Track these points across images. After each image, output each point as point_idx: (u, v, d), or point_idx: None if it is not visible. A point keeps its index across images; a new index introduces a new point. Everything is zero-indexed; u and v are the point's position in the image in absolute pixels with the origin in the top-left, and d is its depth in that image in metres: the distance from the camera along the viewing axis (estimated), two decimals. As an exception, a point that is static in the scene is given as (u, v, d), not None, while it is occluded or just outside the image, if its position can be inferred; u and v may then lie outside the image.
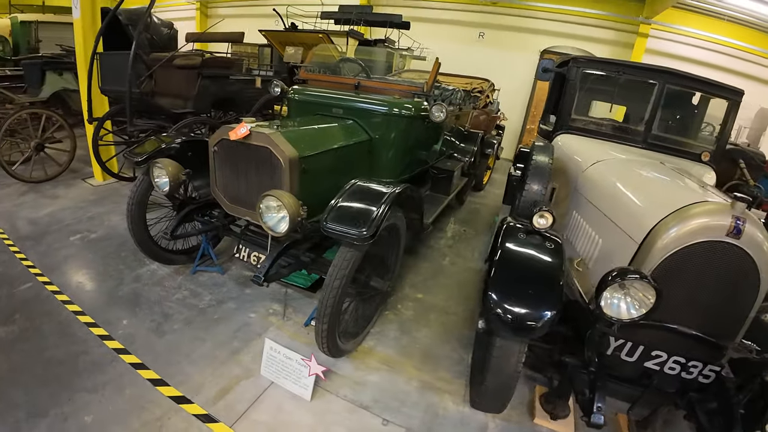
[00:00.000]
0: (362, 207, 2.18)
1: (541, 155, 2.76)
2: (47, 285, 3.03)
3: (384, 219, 2.12)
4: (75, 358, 2.38)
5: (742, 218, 1.71)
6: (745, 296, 1.82)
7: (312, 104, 3.44)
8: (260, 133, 2.40)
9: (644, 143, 3.28)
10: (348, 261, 2.16)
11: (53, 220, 4.09)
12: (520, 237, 1.97)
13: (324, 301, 2.16)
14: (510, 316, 1.66)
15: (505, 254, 1.89)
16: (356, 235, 2.03)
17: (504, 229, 2.04)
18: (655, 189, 2.25)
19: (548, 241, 1.96)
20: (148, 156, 2.92)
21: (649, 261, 1.85)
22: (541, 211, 1.96)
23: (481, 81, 6.35)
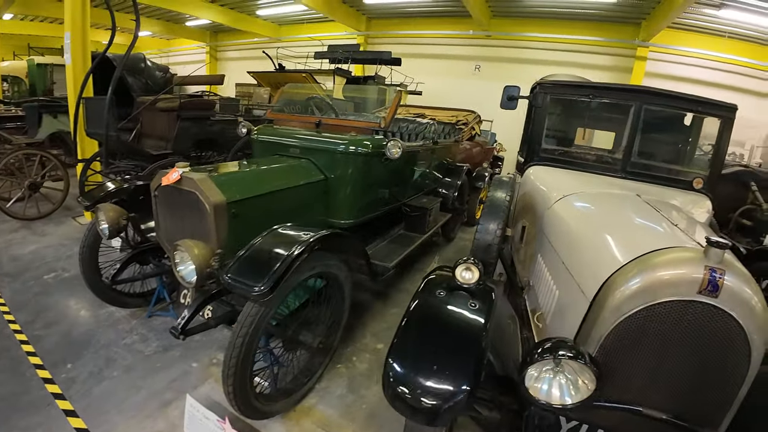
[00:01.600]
0: (268, 257, 1.91)
1: (497, 191, 2.38)
2: (10, 323, 2.96)
3: (288, 271, 1.82)
4: (17, 397, 2.29)
5: (718, 269, 1.29)
6: (732, 370, 1.37)
7: (273, 144, 3.28)
8: (189, 178, 2.26)
9: (623, 172, 2.86)
10: (252, 318, 1.87)
11: (36, 257, 4.06)
12: (438, 294, 1.57)
13: (227, 361, 1.86)
14: (411, 396, 1.27)
15: (416, 315, 1.51)
16: (254, 292, 1.75)
17: (423, 284, 1.66)
18: (617, 230, 1.82)
19: (475, 299, 1.56)
20: (94, 201, 2.85)
21: (601, 324, 1.43)
22: (467, 262, 1.57)
23: (466, 113, 6.06)
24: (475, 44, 9.74)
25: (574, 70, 9.18)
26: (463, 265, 1.58)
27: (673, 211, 2.12)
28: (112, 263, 3.09)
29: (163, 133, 4.84)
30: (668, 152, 3.18)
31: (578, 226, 1.97)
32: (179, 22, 13.22)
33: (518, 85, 3.15)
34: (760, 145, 8.70)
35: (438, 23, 9.79)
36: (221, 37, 13.94)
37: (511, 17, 9.25)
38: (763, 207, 5.51)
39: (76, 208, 5.47)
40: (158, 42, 14.54)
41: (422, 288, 1.63)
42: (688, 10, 6.67)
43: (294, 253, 1.89)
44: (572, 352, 1.21)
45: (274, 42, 12.15)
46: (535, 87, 3.09)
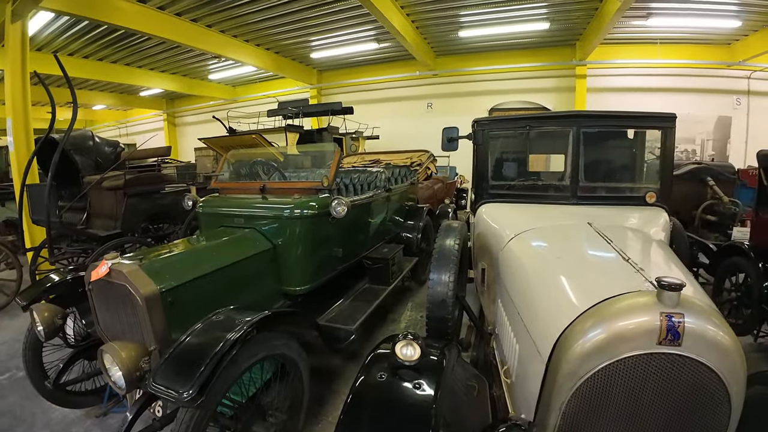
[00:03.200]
0: (198, 352, 1.72)
1: (446, 239, 2.26)
2: None
3: (218, 368, 1.64)
4: None
5: (676, 314, 1.17)
6: (712, 417, 1.24)
7: (216, 216, 3.14)
8: (117, 270, 2.11)
9: (574, 198, 2.81)
10: (187, 423, 1.65)
11: None
12: (380, 377, 1.39)
13: None
14: None
15: (356, 400, 1.34)
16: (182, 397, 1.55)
17: (367, 361, 1.48)
18: (566, 275, 1.68)
19: (421, 378, 1.38)
20: (30, 300, 2.67)
21: (559, 391, 1.28)
22: (407, 338, 1.41)
23: (420, 153, 6.11)
24: (424, 84, 10.08)
25: (522, 96, 9.56)
26: (402, 342, 1.41)
27: (627, 239, 2.04)
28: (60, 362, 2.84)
29: (111, 212, 4.66)
30: (616, 171, 3.18)
31: (529, 270, 1.85)
32: (133, 93, 13.31)
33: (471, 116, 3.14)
34: (709, 138, 9.10)
35: (386, 68, 10.13)
36: (177, 103, 14.08)
37: (454, 54, 9.67)
38: (723, 200, 5.62)
39: None
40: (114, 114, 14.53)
41: (365, 367, 1.46)
42: (618, 24, 7.09)
43: (224, 346, 1.70)
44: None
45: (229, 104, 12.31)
46: (474, 125, 3.08)
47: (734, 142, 8.89)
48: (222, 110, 11.96)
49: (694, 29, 7.73)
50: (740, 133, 8.87)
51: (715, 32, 7.89)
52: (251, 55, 8.36)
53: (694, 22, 7.33)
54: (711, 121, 8.98)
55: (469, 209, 3.58)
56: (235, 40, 7.92)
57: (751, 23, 7.37)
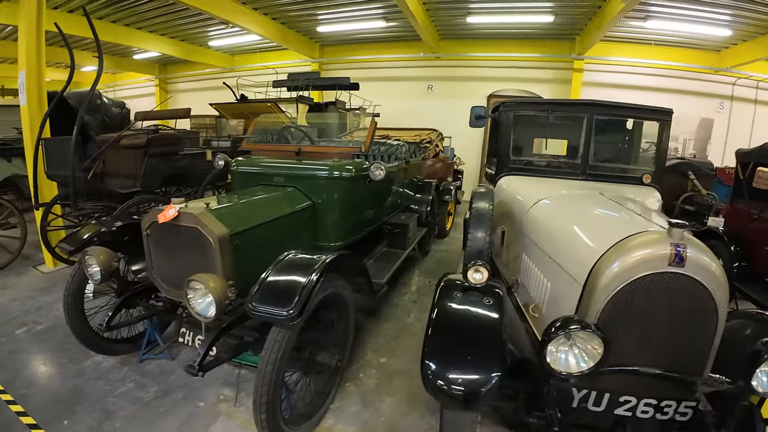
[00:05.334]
0: (290, 282, 2.04)
1: (480, 201, 2.69)
2: None
3: (312, 293, 1.97)
4: None
5: (681, 244, 1.63)
6: (703, 325, 1.70)
7: (254, 175, 3.39)
8: (188, 213, 2.31)
9: (583, 175, 3.29)
10: (280, 343, 1.97)
11: (2, 312, 3.87)
12: (455, 296, 1.82)
13: (258, 389, 1.95)
14: (450, 387, 1.48)
15: (440, 317, 1.74)
16: (283, 316, 1.87)
17: (439, 289, 1.90)
18: (592, 224, 2.17)
19: (487, 297, 1.82)
20: (79, 245, 2.78)
21: (595, 303, 1.72)
22: (476, 265, 1.84)
23: (429, 131, 6.49)
24: (426, 65, 10.40)
25: (519, 84, 10.05)
26: (473, 268, 1.84)
27: (632, 204, 2.53)
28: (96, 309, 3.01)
29: (129, 171, 4.78)
30: (618, 154, 3.69)
31: (558, 225, 2.30)
32: (126, 55, 12.98)
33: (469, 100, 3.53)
34: (691, 138, 9.89)
35: (390, 47, 10.38)
36: (170, 69, 13.81)
37: (458, 39, 10.02)
38: (702, 193, 6.33)
39: (35, 257, 5.24)
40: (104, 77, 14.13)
41: (439, 294, 1.87)
42: (618, 23, 7.61)
43: (314, 276, 2.04)
44: (581, 325, 1.48)
45: (226, 72, 12.24)
46: (499, 106, 3.50)
47: (714, 143, 9.69)
48: (218, 78, 11.89)
49: (687, 34, 8.34)
50: (720, 135, 9.69)
51: (706, 39, 8.53)
52: (258, 24, 8.41)
53: (689, 28, 7.92)
54: (694, 122, 9.74)
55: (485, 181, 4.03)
56: (243, 7, 7.97)
57: (741, 33, 8.03)
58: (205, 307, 2.12)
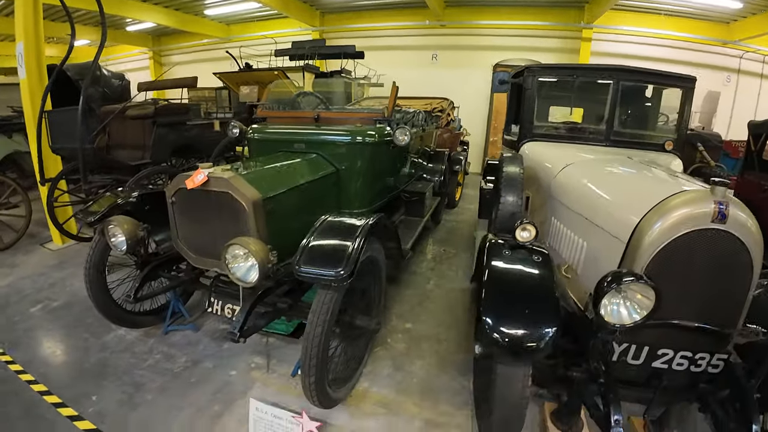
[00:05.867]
0: (336, 244, 2.06)
1: (511, 166, 2.72)
2: (10, 364, 2.78)
3: (360, 254, 2.00)
4: None
5: (724, 202, 1.68)
6: (740, 279, 1.77)
7: (273, 142, 3.35)
8: (219, 178, 2.27)
9: (607, 141, 3.31)
10: (328, 304, 2.01)
11: (13, 291, 3.83)
12: (505, 254, 1.88)
13: (307, 351, 1.99)
14: (509, 340, 1.55)
15: (494, 274, 1.80)
16: (333, 276, 1.90)
17: (488, 248, 1.95)
18: (630, 185, 2.22)
19: (535, 254, 1.87)
20: (101, 215, 2.73)
21: (640, 259, 1.78)
22: (523, 224, 1.88)
23: (440, 100, 6.44)
24: (431, 34, 10.19)
25: (525, 54, 9.91)
26: (520, 227, 1.89)
27: (662, 167, 2.58)
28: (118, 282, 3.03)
29: (137, 142, 4.70)
30: (640, 121, 3.71)
31: (594, 187, 2.33)
32: (119, 27, 12.53)
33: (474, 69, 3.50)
34: (697, 110, 9.91)
35: (393, 15, 10.14)
36: (164, 40, 13.39)
37: (464, 6, 9.79)
38: (711, 164, 6.42)
39: (41, 234, 5.21)
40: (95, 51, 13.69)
41: (488, 252, 1.92)
42: (629, -8, 7.49)
43: (359, 238, 2.06)
44: (634, 277, 1.54)
45: (224, 42, 11.90)
46: (523, 71, 3.48)
47: (720, 116, 9.71)
48: (215, 50, 11.61)
49: (698, 4, 8.23)
50: (726, 109, 9.70)
51: (717, 10, 8.43)
52: (259, -10, 8.14)
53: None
54: (701, 94, 9.72)
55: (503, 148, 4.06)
56: (241, -29, 7.71)
57: (751, 6, 7.95)
58: (246, 272, 2.11)
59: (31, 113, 4.53)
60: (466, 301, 3.74)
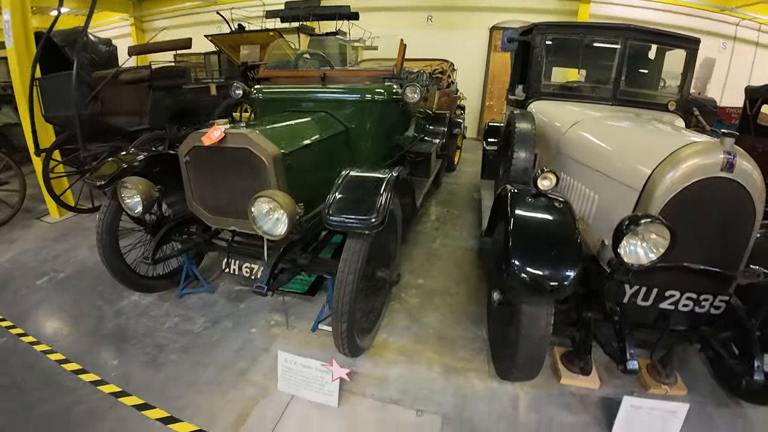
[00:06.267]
0: (365, 195, 2.14)
1: (523, 123, 2.80)
2: (22, 336, 2.78)
3: (389, 204, 2.09)
4: (68, 409, 2.18)
5: (732, 152, 1.80)
6: (744, 225, 1.91)
7: (279, 101, 3.33)
8: (237, 134, 2.26)
9: (614, 100, 3.40)
10: (358, 253, 2.10)
11: (15, 265, 3.79)
12: (528, 201, 2.00)
13: (339, 299, 2.09)
14: (536, 280, 1.68)
15: (519, 220, 1.92)
16: (365, 224, 1.99)
17: (511, 196, 2.06)
18: (642, 138, 2.33)
19: (556, 201, 1.99)
20: (111, 177, 2.70)
21: (653, 206, 1.90)
22: (544, 172, 1.99)
23: (440, 62, 6.39)
24: (425, -6, 9.97)
25: (522, 16, 9.74)
26: (541, 176, 1.99)
27: (668, 124, 2.69)
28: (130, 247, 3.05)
29: (132, 108, 4.61)
30: (644, 81, 3.79)
31: (606, 141, 2.44)
32: None
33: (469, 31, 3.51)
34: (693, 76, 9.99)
35: (387, -27, 9.84)
36: (146, 5, 12.70)
37: (460, -36, 9.55)
38: (706, 128, 6.56)
39: (36, 209, 5.14)
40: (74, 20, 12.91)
41: (511, 200, 2.03)
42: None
43: (386, 189, 2.14)
44: (650, 218, 1.67)
45: (209, 5, 11.40)
46: (531, 29, 3.51)
47: (714, 83, 9.81)
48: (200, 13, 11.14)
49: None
50: (721, 75, 9.79)
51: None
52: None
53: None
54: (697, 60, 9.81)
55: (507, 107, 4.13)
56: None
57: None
58: (273, 225, 2.16)
59: (20, 82, 4.38)
60: (473, 258, 3.91)
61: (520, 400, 2.28)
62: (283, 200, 2.10)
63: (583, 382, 2.37)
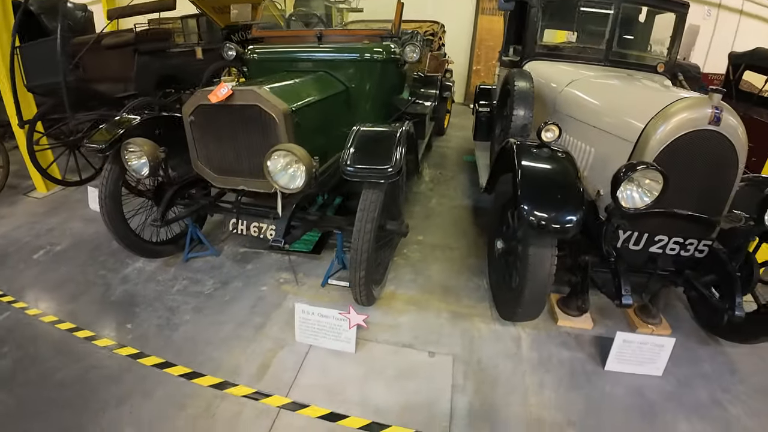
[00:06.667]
0: (380, 147, 2.23)
1: (522, 81, 2.92)
2: (26, 309, 2.75)
3: (403, 155, 2.19)
4: (86, 373, 2.20)
5: (720, 107, 1.98)
6: (727, 175, 2.12)
7: (275, 61, 3.30)
8: (246, 90, 2.27)
9: (606, 61, 3.54)
10: (374, 202, 2.20)
11: (8, 241, 3.68)
12: (533, 152, 2.16)
13: (358, 248, 2.20)
14: (544, 222, 1.87)
15: (526, 168, 2.08)
16: (383, 173, 2.09)
17: (516, 148, 2.21)
18: (636, 95, 2.50)
19: (559, 152, 2.16)
20: (111, 140, 2.61)
21: (646, 157, 2.08)
22: (548, 125, 2.15)
23: (430, 23, 6.36)
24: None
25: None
26: (545, 128, 2.15)
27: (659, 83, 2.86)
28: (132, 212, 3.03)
29: (117, 73, 4.49)
30: (635, 43, 3.93)
31: (602, 99, 2.60)
32: None
33: None
34: (678, 42, 10.15)
35: (369, -71, 9.49)
36: None
37: None
38: (692, 94, 6.83)
39: (21, 185, 4.95)
40: None
41: (517, 151, 2.19)
42: None
43: (400, 141, 2.24)
44: (642, 165, 1.85)
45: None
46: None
47: (698, 50, 9.99)
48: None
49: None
50: (704, 43, 9.94)
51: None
52: None
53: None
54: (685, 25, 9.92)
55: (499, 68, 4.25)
56: None
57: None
58: (290, 179, 2.21)
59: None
60: (469, 216, 4.13)
61: (522, 340, 2.52)
62: (301, 153, 2.15)
63: (578, 323, 2.62)
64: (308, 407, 2.05)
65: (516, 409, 2.08)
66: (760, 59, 4.81)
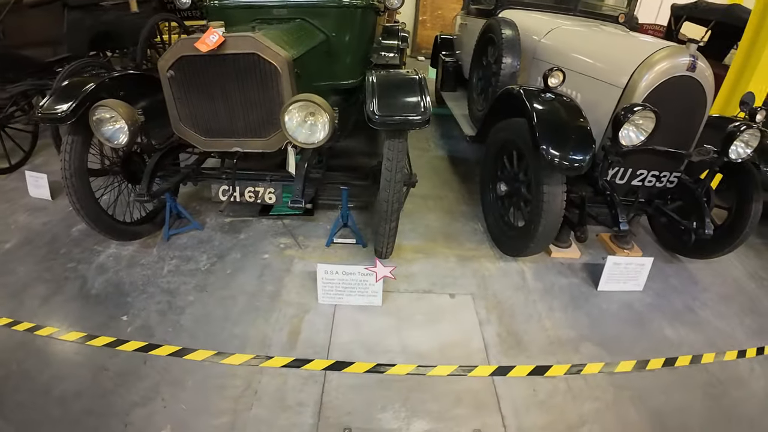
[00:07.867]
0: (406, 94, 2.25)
1: (508, 30, 3.13)
2: None
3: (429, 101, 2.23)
4: (93, 379, 1.97)
5: (695, 56, 2.33)
6: (698, 114, 2.52)
7: (244, 8, 3.01)
8: (242, 37, 2.04)
9: (575, 11, 3.87)
10: (402, 152, 2.27)
11: None
12: (541, 97, 2.42)
13: (388, 199, 2.31)
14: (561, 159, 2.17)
15: (540, 113, 2.34)
16: (414, 120, 2.13)
17: (524, 94, 2.46)
18: (620, 44, 2.81)
19: (564, 97, 2.44)
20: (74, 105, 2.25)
21: (635, 101, 2.39)
22: (554, 71, 2.39)
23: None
24: None
25: None
26: (550, 74, 2.40)
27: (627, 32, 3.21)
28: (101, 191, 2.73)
29: (43, 35, 3.95)
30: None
31: (586, 47, 2.89)
32: None
33: None
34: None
35: None
36: None
37: None
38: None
39: None
40: None
41: (526, 97, 2.42)
42: None
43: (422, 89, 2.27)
44: (640, 106, 2.17)
45: None
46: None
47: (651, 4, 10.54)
48: None
49: None
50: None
51: None
52: None
53: None
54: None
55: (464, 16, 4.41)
56: None
57: None
58: (311, 133, 2.11)
59: None
60: (448, 166, 4.47)
61: (525, 273, 2.88)
62: (322, 102, 2.01)
63: (568, 254, 3.05)
64: (353, 364, 2.12)
65: (536, 332, 2.43)
66: (701, 11, 5.35)
